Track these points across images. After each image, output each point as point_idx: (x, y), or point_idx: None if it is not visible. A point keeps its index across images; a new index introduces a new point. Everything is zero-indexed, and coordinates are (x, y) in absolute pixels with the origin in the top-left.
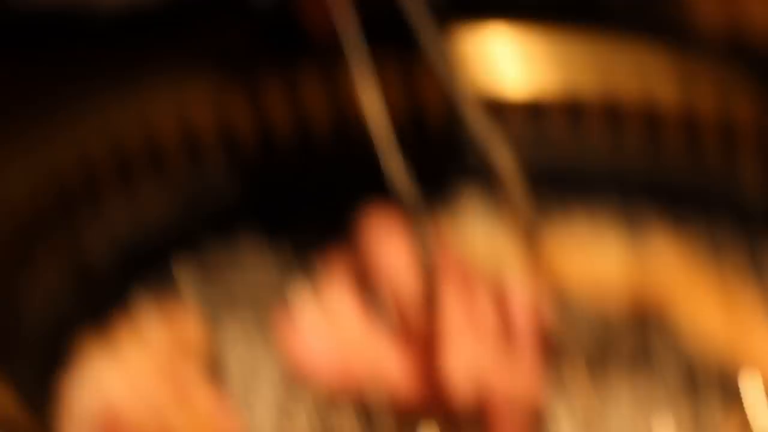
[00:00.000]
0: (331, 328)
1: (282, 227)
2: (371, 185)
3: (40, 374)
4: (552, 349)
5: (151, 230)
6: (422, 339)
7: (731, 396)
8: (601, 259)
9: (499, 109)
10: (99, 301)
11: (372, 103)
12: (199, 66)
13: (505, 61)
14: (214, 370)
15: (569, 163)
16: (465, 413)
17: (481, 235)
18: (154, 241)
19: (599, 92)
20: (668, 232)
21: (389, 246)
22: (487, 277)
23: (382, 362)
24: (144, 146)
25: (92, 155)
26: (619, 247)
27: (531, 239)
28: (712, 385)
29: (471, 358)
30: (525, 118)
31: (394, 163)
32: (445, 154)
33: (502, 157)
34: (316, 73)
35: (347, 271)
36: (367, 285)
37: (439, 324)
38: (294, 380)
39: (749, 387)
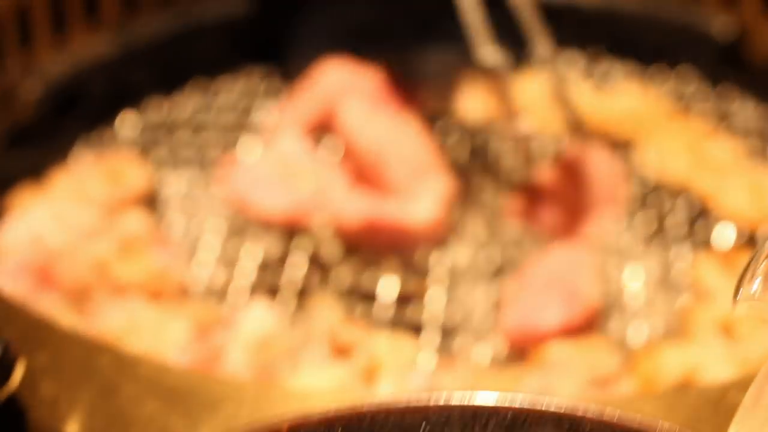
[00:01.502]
0: (278, 163)
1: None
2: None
3: None
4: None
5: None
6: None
7: (700, 243)
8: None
9: None
10: (36, 154)
11: None
12: None
13: None
14: (158, 221)
15: None
16: None
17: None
18: (91, 91)
19: None
20: (633, 79)
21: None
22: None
23: (330, 190)
24: None
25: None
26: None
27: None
28: (680, 230)
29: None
30: None
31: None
32: None
33: None
34: None
35: (300, 116)
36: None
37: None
38: (240, 223)
39: (718, 231)
